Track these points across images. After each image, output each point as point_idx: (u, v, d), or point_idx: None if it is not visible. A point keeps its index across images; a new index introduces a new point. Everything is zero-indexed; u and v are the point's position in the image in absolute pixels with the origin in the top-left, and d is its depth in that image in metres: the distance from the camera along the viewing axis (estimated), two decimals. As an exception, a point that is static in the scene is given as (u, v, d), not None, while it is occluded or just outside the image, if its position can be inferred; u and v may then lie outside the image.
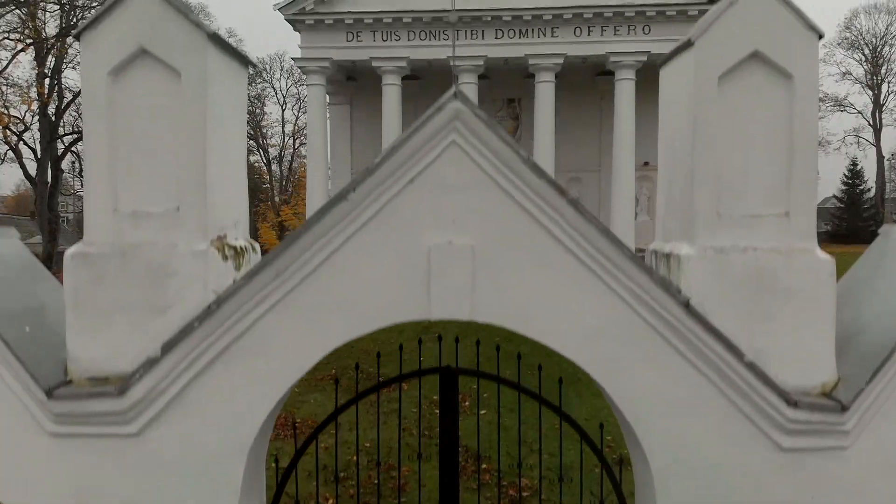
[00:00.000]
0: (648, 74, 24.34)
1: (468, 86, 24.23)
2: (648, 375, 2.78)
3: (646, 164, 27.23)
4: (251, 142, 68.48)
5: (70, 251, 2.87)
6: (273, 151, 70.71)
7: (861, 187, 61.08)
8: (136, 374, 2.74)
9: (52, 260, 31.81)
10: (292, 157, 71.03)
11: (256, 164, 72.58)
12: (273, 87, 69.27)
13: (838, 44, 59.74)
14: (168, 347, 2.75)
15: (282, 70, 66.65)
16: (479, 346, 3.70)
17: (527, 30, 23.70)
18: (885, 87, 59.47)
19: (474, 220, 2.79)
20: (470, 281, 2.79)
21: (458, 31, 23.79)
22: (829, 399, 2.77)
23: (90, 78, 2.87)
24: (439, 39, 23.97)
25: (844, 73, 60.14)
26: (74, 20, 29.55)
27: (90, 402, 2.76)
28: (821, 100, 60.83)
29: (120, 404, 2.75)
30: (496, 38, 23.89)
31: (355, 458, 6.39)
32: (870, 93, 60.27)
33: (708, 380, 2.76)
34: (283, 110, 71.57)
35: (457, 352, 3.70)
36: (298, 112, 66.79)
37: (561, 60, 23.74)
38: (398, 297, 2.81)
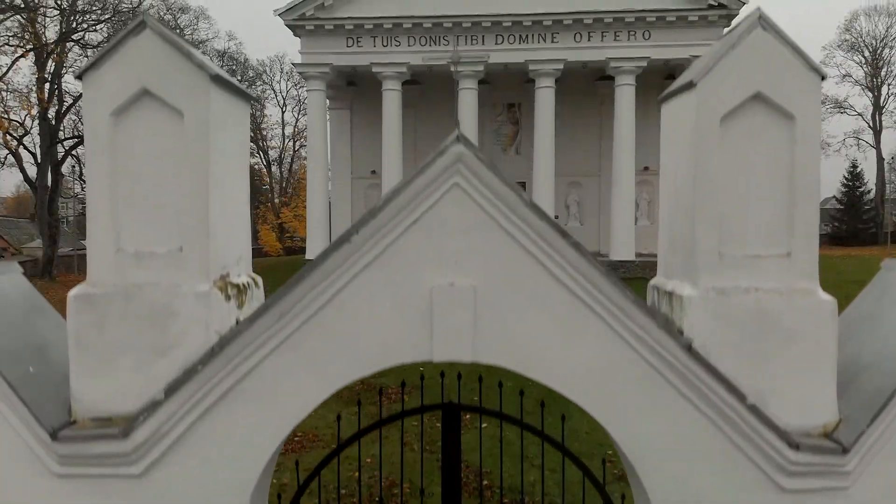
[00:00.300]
0: (649, 78, 24.40)
1: (468, 91, 24.28)
2: (651, 417, 2.79)
3: (646, 168, 27.26)
4: (251, 144, 68.54)
5: (73, 293, 2.88)
6: (273, 153, 70.84)
7: (861, 189, 61.10)
8: (140, 417, 2.75)
9: (52, 264, 31.83)
10: (292, 158, 71.10)
11: (256, 167, 72.63)
12: (273, 89, 69.30)
13: (838, 46, 59.77)
14: (171, 389, 2.76)
15: (282, 72, 66.75)
16: (481, 381, 3.70)
17: (527, 35, 23.73)
18: (885, 90, 59.46)
19: (476, 261, 2.80)
20: (472, 322, 2.80)
21: (458, 36, 23.83)
22: (831, 440, 2.78)
23: (93, 118, 2.88)
24: (440, 45, 23.98)
25: (844, 76, 60.10)
26: (74, 24, 29.58)
27: (94, 443, 2.76)
28: (821, 101, 60.84)
29: (124, 446, 2.76)
30: (496, 43, 23.91)
31: (357, 474, 6.39)
32: (870, 94, 60.25)
33: (711, 422, 2.77)
34: (283, 112, 71.76)
35: (459, 387, 3.71)
36: (298, 114, 66.84)
37: (561, 66, 23.77)
38: (401, 338, 2.82)
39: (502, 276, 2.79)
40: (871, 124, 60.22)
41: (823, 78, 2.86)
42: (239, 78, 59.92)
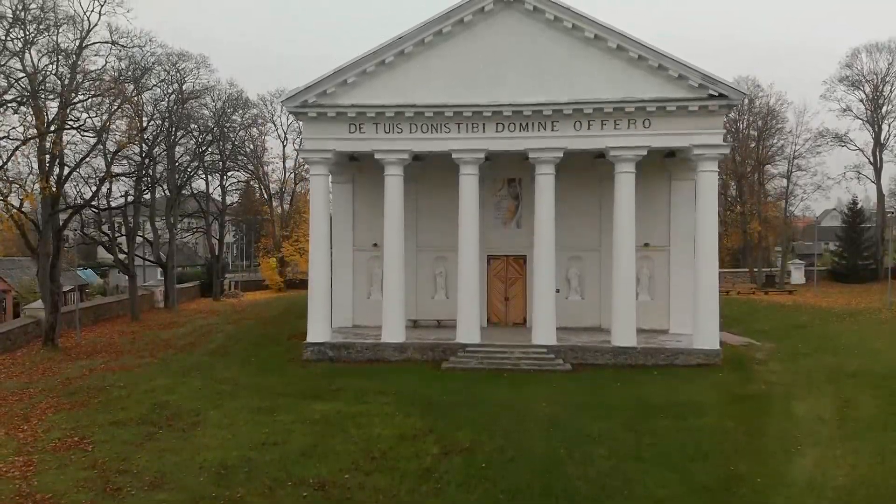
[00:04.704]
0: (648, 156, 24.37)
1: (469, 177, 24.43)
2: None
3: (646, 244, 27.32)
4: (253, 180, 68.82)
5: None
6: (274, 187, 70.98)
7: (862, 225, 61.19)
8: None
9: (54, 330, 31.79)
10: (294, 191, 71.22)
11: (258, 200, 72.78)
12: (273, 123, 69.53)
13: (839, 81, 59.78)
14: None
15: (282, 107, 67.10)
16: None
17: (527, 124, 23.88)
18: (885, 127, 59.50)
19: None
20: None
21: (459, 124, 23.97)
22: None
23: None
24: (441, 132, 24.18)
25: (845, 110, 60.12)
26: (75, 97, 29.57)
27: None
28: (821, 135, 60.93)
29: None
30: (497, 131, 24.07)
31: None
32: (870, 129, 60.28)
33: None
34: (283, 146, 71.46)
35: None
36: (299, 146, 67.00)
37: (561, 154, 23.95)
38: None
39: None
40: (871, 160, 60.27)
41: None
42: (241, 112, 59.94)
